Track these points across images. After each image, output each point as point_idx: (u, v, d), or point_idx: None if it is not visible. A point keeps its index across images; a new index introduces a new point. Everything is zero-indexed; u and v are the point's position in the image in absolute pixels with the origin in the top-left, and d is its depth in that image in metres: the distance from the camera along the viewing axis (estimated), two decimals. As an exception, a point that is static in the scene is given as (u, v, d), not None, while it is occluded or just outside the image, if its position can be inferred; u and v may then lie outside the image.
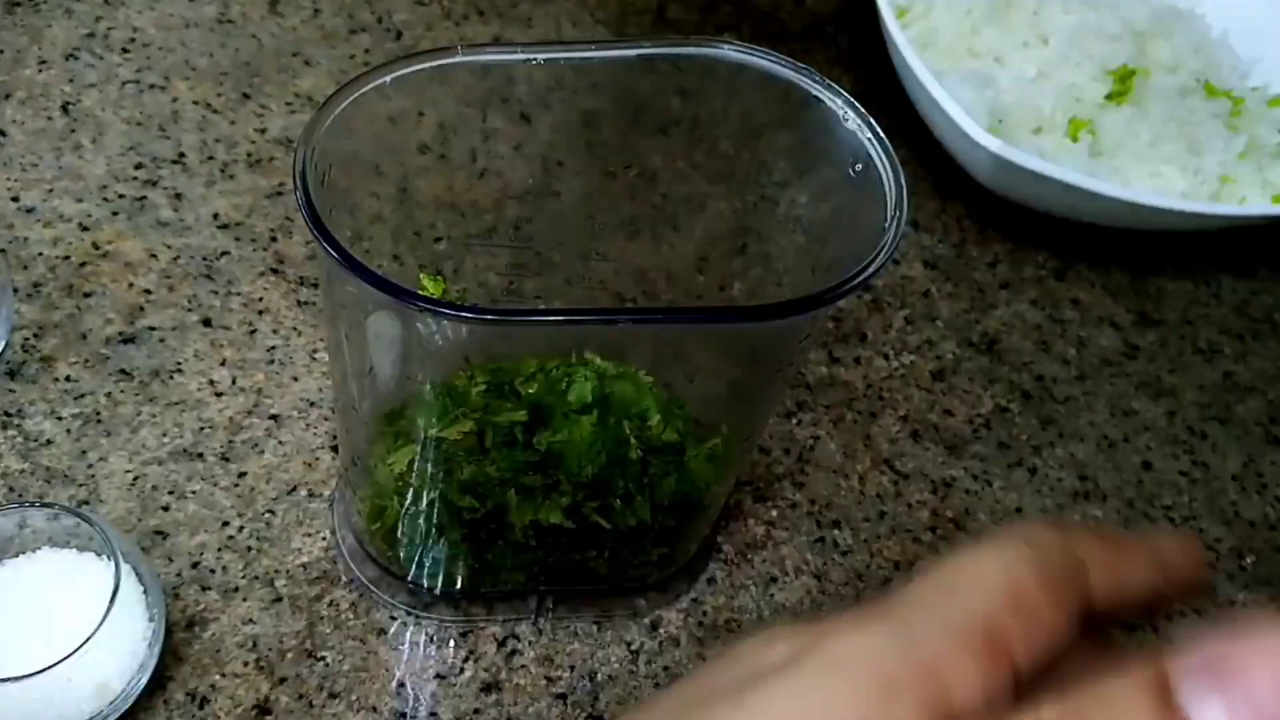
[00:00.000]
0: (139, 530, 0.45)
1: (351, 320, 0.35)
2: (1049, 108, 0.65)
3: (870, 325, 0.59)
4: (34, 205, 0.54)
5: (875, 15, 0.64)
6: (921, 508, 0.52)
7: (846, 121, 0.35)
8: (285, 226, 0.56)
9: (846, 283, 0.32)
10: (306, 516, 0.47)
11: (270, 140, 0.59)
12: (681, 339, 0.39)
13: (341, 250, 0.30)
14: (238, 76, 0.62)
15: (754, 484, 0.52)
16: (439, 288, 0.37)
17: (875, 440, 0.54)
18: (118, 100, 0.59)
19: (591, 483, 0.39)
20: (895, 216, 0.33)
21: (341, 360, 0.37)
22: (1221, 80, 0.69)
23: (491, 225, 0.43)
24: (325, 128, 0.32)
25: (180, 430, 0.48)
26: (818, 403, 0.55)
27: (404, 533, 0.42)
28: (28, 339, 0.50)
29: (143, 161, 0.57)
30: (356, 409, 0.39)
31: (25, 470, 0.46)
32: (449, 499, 0.40)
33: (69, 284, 0.52)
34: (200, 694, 0.42)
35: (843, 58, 0.72)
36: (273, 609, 0.44)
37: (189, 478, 0.47)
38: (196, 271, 0.53)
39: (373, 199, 0.39)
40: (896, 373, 0.57)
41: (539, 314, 0.40)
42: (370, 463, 0.41)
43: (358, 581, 0.45)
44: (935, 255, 0.63)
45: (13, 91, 0.59)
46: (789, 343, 0.37)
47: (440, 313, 0.30)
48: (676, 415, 0.41)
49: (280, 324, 0.52)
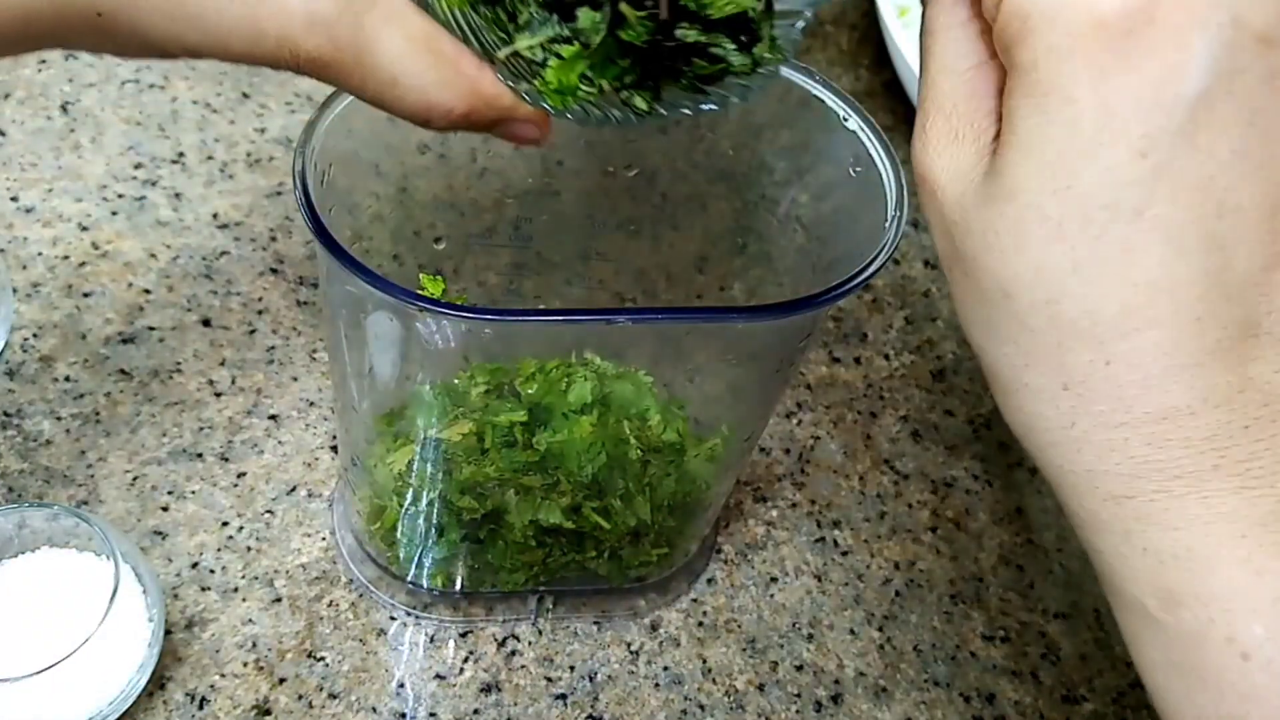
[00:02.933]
0: (138, 530, 0.45)
1: (351, 320, 0.35)
2: (1049, 107, 0.64)
3: (870, 325, 0.59)
4: (33, 205, 0.54)
5: (875, 15, 0.64)
6: (922, 508, 0.52)
7: (846, 121, 0.35)
8: (285, 226, 0.56)
9: (846, 283, 0.32)
10: (306, 516, 0.47)
11: (270, 140, 0.59)
12: (681, 339, 0.39)
13: (341, 250, 0.30)
14: (237, 76, 0.62)
15: (754, 484, 0.52)
16: (439, 288, 0.37)
17: (875, 440, 0.54)
18: (117, 100, 0.59)
19: (591, 483, 0.39)
20: (895, 216, 0.33)
21: (341, 360, 0.37)
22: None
23: (491, 225, 0.43)
24: (325, 127, 0.32)
25: (179, 430, 0.48)
26: (818, 403, 0.55)
27: (403, 533, 0.42)
28: (27, 339, 0.50)
29: (142, 161, 0.57)
30: (356, 409, 0.39)
31: (25, 470, 0.46)
32: (448, 499, 0.40)
33: (68, 284, 0.52)
34: (200, 694, 0.42)
35: (843, 58, 0.72)
36: (272, 609, 0.44)
37: (188, 478, 0.47)
38: (196, 271, 0.53)
39: (373, 199, 0.39)
40: (896, 373, 0.57)
41: (539, 314, 0.40)
42: (370, 463, 0.40)
43: (357, 582, 0.45)
44: (935, 255, 0.63)
45: (12, 91, 0.59)
46: (789, 343, 0.37)
47: (440, 313, 0.30)
48: (676, 415, 0.41)
49: (280, 324, 0.52)
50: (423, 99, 0.28)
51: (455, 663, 0.44)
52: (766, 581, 0.49)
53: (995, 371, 0.27)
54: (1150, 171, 0.23)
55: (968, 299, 0.26)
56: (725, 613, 0.47)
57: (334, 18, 0.27)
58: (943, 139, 0.26)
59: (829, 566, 0.49)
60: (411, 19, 0.28)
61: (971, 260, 0.26)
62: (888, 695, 0.46)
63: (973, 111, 0.26)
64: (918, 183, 0.27)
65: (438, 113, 0.29)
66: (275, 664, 0.43)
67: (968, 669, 0.47)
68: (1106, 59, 0.22)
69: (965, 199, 0.25)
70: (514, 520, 0.40)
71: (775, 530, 0.50)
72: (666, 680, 0.45)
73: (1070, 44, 0.23)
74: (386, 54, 0.27)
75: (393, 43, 0.27)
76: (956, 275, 0.27)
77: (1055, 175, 0.23)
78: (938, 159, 0.26)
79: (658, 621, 0.47)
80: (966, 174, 0.25)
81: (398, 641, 0.44)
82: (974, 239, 0.25)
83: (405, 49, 0.27)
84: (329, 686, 0.43)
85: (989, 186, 0.25)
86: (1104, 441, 0.25)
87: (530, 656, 0.45)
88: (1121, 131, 0.23)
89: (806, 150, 0.38)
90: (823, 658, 0.47)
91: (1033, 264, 0.24)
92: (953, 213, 0.26)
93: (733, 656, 0.46)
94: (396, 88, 0.28)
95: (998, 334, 0.26)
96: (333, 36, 0.27)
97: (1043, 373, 0.25)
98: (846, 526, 0.51)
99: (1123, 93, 0.22)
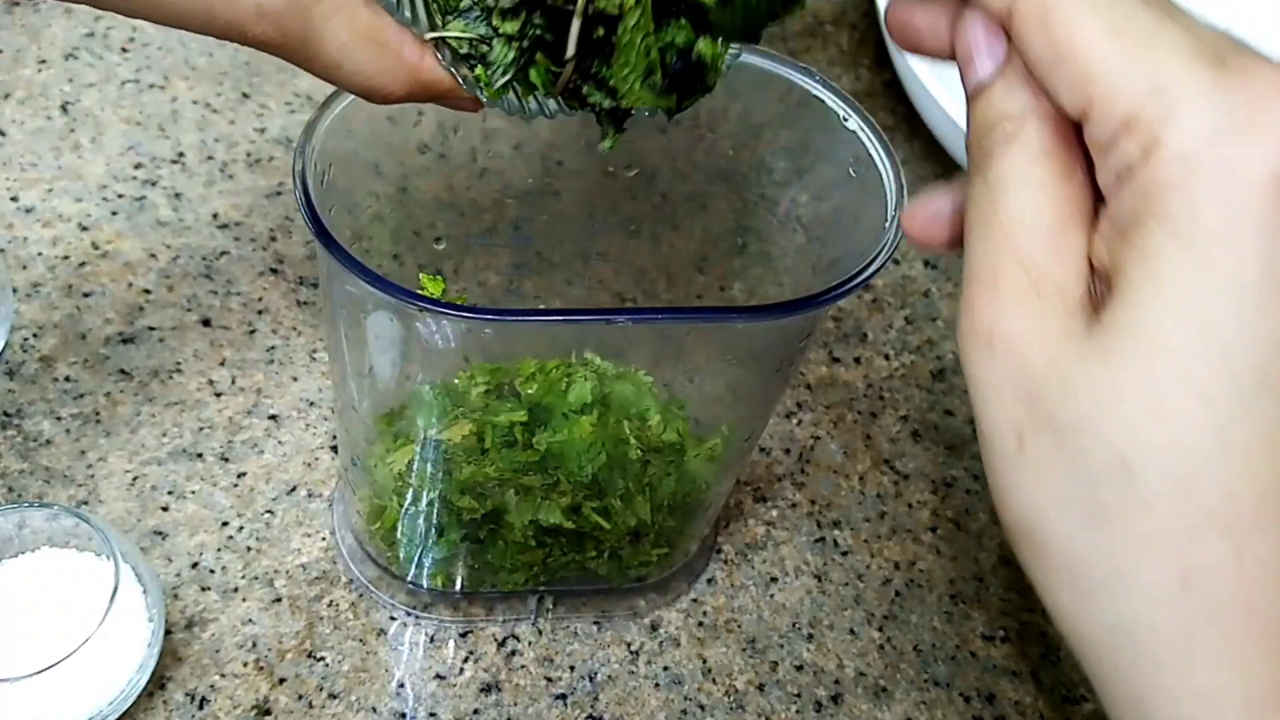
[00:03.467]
0: (138, 530, 0.45)
1: (351, 320, 0.35)
2: (1049, 107, 0.64)
3: (870, 325, 0.59)
4: (33, 205, 0.54)
5: (875, 15, 0.64)
6: (922, 508, 0.52)
7: (846, 121, 0.35)
8: (285, 226, 0.56)
9: (846, 283, 0.32)
10: (306, 516, 0.47)
11: (270, 140, 0.59)
12: (681, 339, 0.39)
13: (341, 250, 0.30)
14: (237, 76, 0.62)
15: (754, 484, 0.52)
16: (439, 288, 0.37)
17: (875, 440, 0.54)
18: (117, 100, 0.59)
19: (591, 482, 0.39)
20: (895, 216, 0.33)
21: (341, 360, 0.37)
22: (1221, 80, 0.69)
23: (491, 225, 0.43)
24: (325, 127, 0.32)
25: (179, 430, 0.48)
26: (818, 403, 0.55)
27: (403, 533, 0.42)
28: (27, 339, 0.50)
29: (142, 161, 0.57)
30: (356, 409, 0.39)
31: (25, 470, 0.46)
32: (448, 499, 0.40)
33: (68, 284, 0.52)
34: (200, 694, 0.42)
35: (843, 58, 0.72)
36: (272, 609, 0.44)
37: (188, 478, 0.47)
38: (196, 271, 0.53)
39: (372, 199, 0.39)
40: (897, 373, 0.57)
41: (539, 314, 0.40)
42: (370, 463, 0.40)
43: (357, 582, 0.45)
44: (935, 255, 0.63)
45: (12, 91, 0.59)
46: (789, 343, 0.37)
47: (440, 313, 0.30)
48: (676, 415, 0.41)
49: (280, 324, 0.52)
50: (364, 83, 0.30)
51: (455, 663, 0.44)
52: (766, 581, 0.49)
53: (1083, 563, 0.23)
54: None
55: (1054, 474, 0.23)
56: (725, 613, 0.47)
57: (282, 9, 0.28)
58: (1023, 296, 0.23)
59: (829, 566, 0.49)
60: (357, 11, 0.29)
61: (1075, 429, 0.22)
62: (888, 695, 0.46)
63: (1058, 270, 0.23)
64: (979, 343, 0.24)
65: (379, 95, 0.30)
66: (275, 664, 0.43)
67: (968, 669, 0.47)
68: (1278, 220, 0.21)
69: (1063, 359, 0.22)
70: (514, 520, 0.40)
71: (775, 530, 0.50)
72: (666, 680, 0.45)
73: (1244, 199, 0.21)
74: (331, 44, 0.29)
75: (338, 35, 0.29)
76: (1040, 447, 0.23)
77: (1208, 337, 0.21)
78: (1017, 318, 0.23)
79: (658, 621, 0.47)
80: (1058, 333, 0.23)
81: (398, 641, 0.44)
82: (1081, 403, 0.22)
83: (349, 41, 0.29)
84: (329, 686, 0.43)
85: (1104, 344, 0.22)
86: (1222, 656, 0.22)
87: (530, 656, 0.45)
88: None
89: (806, 150, 0.38)
90: (823, 658, 0.47)
91: (1169, 433, 0.21)
92: (1044, 375, 0.22)
93: (733, 656, 0.46)
94: (340, 71, 0.30)
95: (1102, 517, 0.22)
96: (280, 27, 0.28)
97: (1160, 566, 0.22)
98: (846, 526, 0.51)
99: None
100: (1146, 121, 0.22)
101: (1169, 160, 0.21)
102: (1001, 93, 0.24)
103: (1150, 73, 0.22)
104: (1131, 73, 0.22)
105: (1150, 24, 0.22)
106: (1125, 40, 0.22)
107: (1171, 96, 0.21)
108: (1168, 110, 0.21)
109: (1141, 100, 0.22)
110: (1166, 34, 0.22)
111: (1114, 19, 0.22)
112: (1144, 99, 0.22)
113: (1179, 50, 0.22)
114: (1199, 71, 0.21)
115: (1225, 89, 0.21)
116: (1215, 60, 0.22)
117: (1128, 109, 0.22)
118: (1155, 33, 0.22)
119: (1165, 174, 0.21)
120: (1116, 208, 0.22)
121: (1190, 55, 0.22)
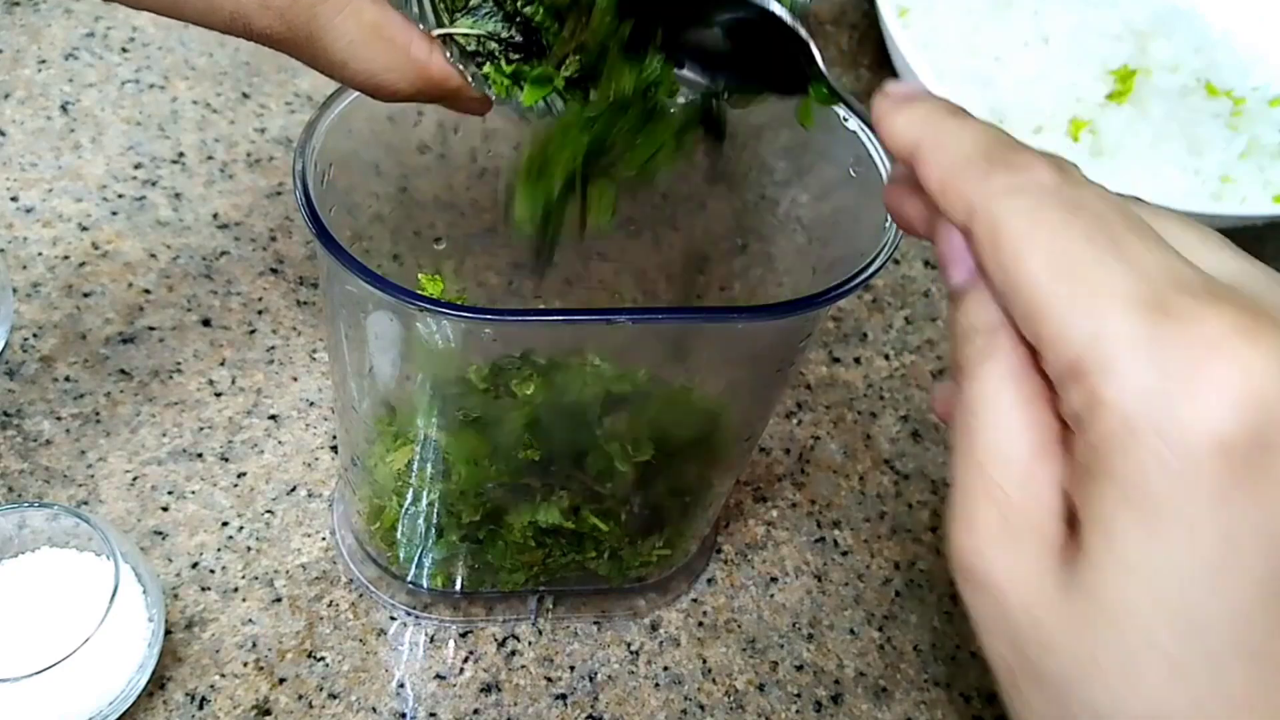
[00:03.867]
0: (138, 530, 0.45)
1: (351, 320, 0.35)
2: (1049, 107, 0.65)
3: (870, 325, 0.59)
4: (33, 205, 0.54)
5: (875, 15, 0.64)
6: (922, 508, 0.52)
7: (846, 121, 0.35)
8: (285, 226, 0.56)
9: (846, 283, 0.32)
10: (306, 516, 0.47)
11: (270, 140, 0.59)
12: (681, 339, 0.39)
13: (341, 250, 0.30)
14: (237, 76, 0.62)
15: (754, 484, 0.52)
16: (439, 288, 0.37)
17: (875, 440, 0.54)
18: (117, 100, 0.59)
19: (594, 480, 0.39)
20: (895, 216, 0.33)
21: (341, 360, 0.37)
22: (1222, 80, 0.69)
23: (491, 225, 0.43)
24: (325, 127, 0.32)
25: (180, 430, 0.48)
26: (818, 403, 0.55)
27: (403, 533, 0.42)
28: (27, 339, 0.50)
29: (142, 161, 0.57)
30: (356, 409, 0.39)
31: (25, 470, 0.46)
32: (448, 499, 0.39)
33: (68, 284, 0.52)
34: (200, 694, 0.42)
35: (843, 58, 0.72)
36: (272, 609, 0.44)
37: (188, 478, 0.47)
38: (196, 271, 0.53)
39: (373, 199, 0.39)
40: (897, 373, 0.57)
41: (539, 314, 0.40)
42: (370, 462, 0.40)
43: (357, 582, 0.45)
44: (935, 256, 0.63)
45: (12, 91, 0.59)
46: (789, 343, 0.37)
47: (440, 313, 0.30)
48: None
49: (280, 324, 0.52)
50: (371, 80, 0.29)
51: (455, 663, 0.44)
52: (766, 581, 0.49)
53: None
54: (1277, 611, 0.20)
55: (1049, 716, 0.23)
56: (725, 613, 0.47)
57: (288, 4, 0.28)
58: (998, 535, 0.23)
59: (829, 566, 0.49)
60: (364, 7, 0.28)
61: (1061, 686, 0.22)
62: (888, 695, 0.46)
63: (1032, 508, 0.22)
64: (962, 575, 0.23)
65: (385, 93, 0.30)
66: (275, 664, 0.43)
67: (968, 669, 0.47)
68: (1229, 486, 0.20)
69: (1039, 611, 0.22)
70: (514, 520, 0.40)
71: (775, 530, 0.50)
72: (666, 680, 0.45)
73: (1192, 466, 0.20)
74: (338, 41, 0.28)
75: (344, 31, 0.28)
76: (1027, 689, 0.23)
77: (1172, 607, 0.20)
78: (995, 559, 0.23)
79: (658, 621, 0.47)
80: (1033, 579, 0.22)
81: (398, 641, 0.44)
82: (1064, 662, 0.22)
83: (356, 38, 0.28)
84: (329, 686, 0.43)
85: (1077, 603, 0.21)
86: None
87: (530, 656, 0.45)
88: (1245, 568, 0.20)
89: (806, 150, 0.38)
90: (823, 658, 0.47)
91: (1149, 703, 0.21)
92: (1024, 624, 0.22)
93: (733, 656, 0.46)
94: (346, 69, 0.29)
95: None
96: (285, 20, 0.28)
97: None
98: (846, 526, 0.51)
99: (1245, 524, 0.20)
100: (1086, 372, 0.21)
101: (1110, 419, 0.20)
102: (975, 304, 0.24)
103: (1089, 319, 0.21)
104: (1072, 316, 0.21)
105: (1091, 263, 0.21)
106: (1066, 281, 0.21)
107: (1108, 349, 0.20)
108: (1105, 364, 0.20)
109: (1083, 347, 0.21)
110: (1107, 274, 0.21)
111: (1055, 255, 0.21)
112: (1085, 346, 0.21)
113: (1119, 295, 0.21)
114: (1136, 321, 0.20)
115: (1162, 343, 0.20)
116: (1155, 306, 0.20)
117: (1072, 354, 0.21)
118: (1095, 273, 0.21)
119: (1109, 432, 0.20)
120: (1078, 448, 0.22)
121: (1130, 301, 0.20)
